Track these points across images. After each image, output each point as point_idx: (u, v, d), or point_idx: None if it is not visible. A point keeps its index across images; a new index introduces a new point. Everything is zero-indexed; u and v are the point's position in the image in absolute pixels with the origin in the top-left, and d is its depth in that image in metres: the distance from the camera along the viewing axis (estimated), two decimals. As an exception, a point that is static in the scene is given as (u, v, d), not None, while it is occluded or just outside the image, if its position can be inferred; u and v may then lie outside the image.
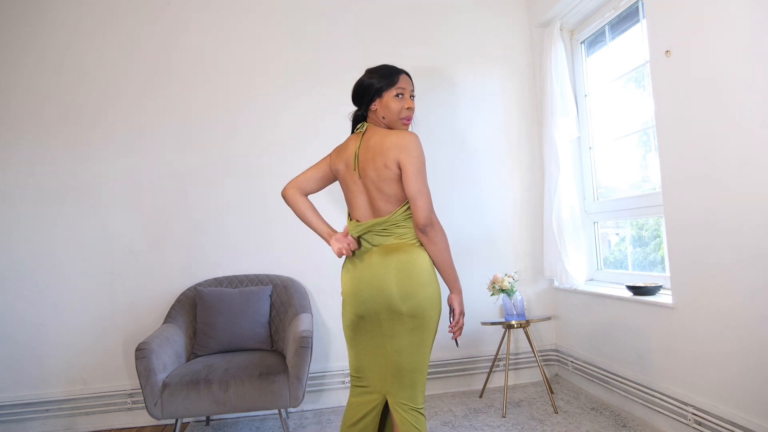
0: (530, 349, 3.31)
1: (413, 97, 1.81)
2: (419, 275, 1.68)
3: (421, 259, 1.71)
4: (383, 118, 1.78)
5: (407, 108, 1.77)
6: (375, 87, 1.78)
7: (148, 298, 3.11)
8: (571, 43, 3.32)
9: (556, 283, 3.36)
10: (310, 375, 3.07)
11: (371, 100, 1.79)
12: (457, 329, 1.75)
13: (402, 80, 1.78)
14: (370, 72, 1.81)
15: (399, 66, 1.85)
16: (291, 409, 3.11)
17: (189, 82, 3.21)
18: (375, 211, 1.75)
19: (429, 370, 3.23)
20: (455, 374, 3.28)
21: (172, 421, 2.94)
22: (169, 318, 2.91)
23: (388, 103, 1.76)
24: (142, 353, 2.46)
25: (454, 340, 1.87)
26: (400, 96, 1.77)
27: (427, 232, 1.65)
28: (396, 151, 1.67)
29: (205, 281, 3.09)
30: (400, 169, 1.68)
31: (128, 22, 3.20)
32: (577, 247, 3.07)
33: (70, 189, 3.11)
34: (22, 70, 3.12)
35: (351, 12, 3.34)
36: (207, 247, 3.17)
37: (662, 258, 2.72)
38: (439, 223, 1.68)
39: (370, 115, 1.81)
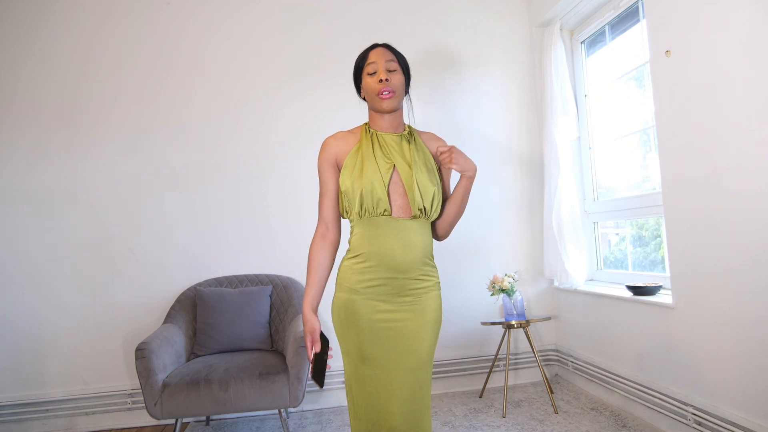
0: (530, 349, 3.31)
1: (393, 71, 1.57)
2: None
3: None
4: (369, 103, 1.62)
5: (378, 81, 1.54)
6: (354, 75, 1.64)
7: (148, 298, 3.11)
8: (571, 43, 3.32)
9: (556, 283, 3.36)
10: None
11: (359, 91, 1.66)
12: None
13: (372, 55, 1.58)
14: None
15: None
16: (291, 409, 3.11)
17: (188, 82, 3.21)
18: None
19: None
20: (455, 374, 3.28)
21: (172, 421, 2.94)
22: (169, 318, 2.91)
23: (365, 84, 1.59)
24: (142, 353, 2.46)
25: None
26: (374, 74, 1.56)
27: None
28: None
29: (205, 281, 3.09)
30: None
31: (127, 22, 3.20)
32: (577, 247, 3.07)
33: (69, 189, 3.11)
34: (22, 71, 3.12)
35: (350, 11, 3.34)
36: (207, 247, 3.17)
37: (662, 258, 2.72)
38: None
39: None
